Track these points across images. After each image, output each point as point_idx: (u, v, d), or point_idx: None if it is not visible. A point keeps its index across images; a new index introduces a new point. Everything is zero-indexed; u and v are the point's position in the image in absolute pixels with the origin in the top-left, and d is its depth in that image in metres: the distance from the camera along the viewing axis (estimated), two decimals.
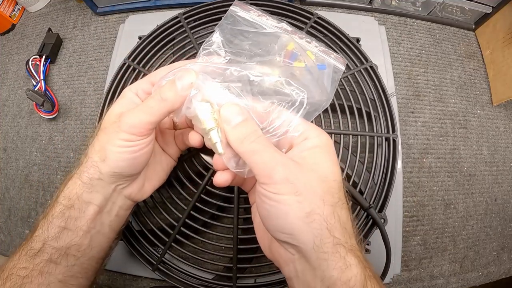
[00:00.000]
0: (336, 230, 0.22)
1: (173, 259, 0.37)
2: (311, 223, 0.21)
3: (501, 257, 0.45)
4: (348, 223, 0.23)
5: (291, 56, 0.32)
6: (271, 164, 0.22)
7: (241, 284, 0.36)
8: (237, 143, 0.23)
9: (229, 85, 0.26)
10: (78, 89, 0.51)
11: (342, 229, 0.22)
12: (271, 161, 0.22)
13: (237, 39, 0.32)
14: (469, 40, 0.55)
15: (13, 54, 0.55)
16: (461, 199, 0.46)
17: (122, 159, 0.26)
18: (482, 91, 0.52)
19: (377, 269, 0.39)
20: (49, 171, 0.47)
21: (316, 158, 0.23)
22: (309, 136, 0.24)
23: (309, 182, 0.22)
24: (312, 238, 0.21)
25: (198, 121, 0.25)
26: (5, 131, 0.51)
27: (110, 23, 0.55)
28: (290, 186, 0.22)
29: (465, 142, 0.49)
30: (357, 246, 0.23)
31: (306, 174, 0.22)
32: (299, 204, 0.21)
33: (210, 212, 0.36)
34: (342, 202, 0.23)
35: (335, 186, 0.23)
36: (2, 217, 0.46)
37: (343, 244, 0.22)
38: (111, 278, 0.41)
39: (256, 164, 0.23)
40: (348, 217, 0.23)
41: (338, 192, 0.23)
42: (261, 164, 0.22)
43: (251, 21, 0.33)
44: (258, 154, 0.23)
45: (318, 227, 0.21)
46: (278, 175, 0.22)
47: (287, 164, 0.22)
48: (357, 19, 0.52)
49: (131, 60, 0.42)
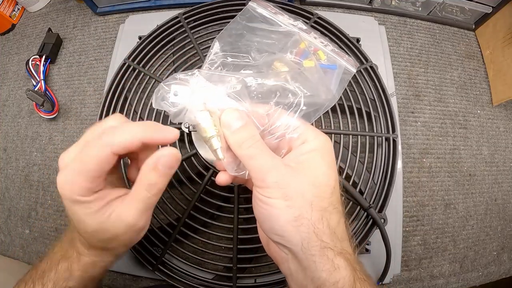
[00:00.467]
0: (324, 234, 0.22)
1: (173, 259, 0.37)
2: (299, 226, 0.22)
3: (501, 257, 0.45)
4: (339, 228, 0.23)
5: (302, 54, 0.33)
6: (265, 169, 0.23)
7: (241, 284, 0.36)
8: (236, 147, 0.24)
9: (228, 91, 0.27)
10: (78, 89, 0.51)
11: (331, 233, 0.23)
12: (265, 165, 0.23)
13: (244, 38, 0.33)
14: (469, 40, 0.55)
15: (13, 54, 0.55)
16: (461, 199, 0.46)
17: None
18: (482, 91, 0.52)
19: (377, 269, 0.39)
20: (49, 171, 0.47)
21: (311, 162, 0.24)
22: (307, 139, 0.24)
23: (300, 187, 0.23)
24: (300, 240, 0.22)
25: (200, 129, 0.26)
26: (5, 131, 0.51)
27: (110, 23, 0.55)
28: (280, 190, 0.22)
29: (465, 142, 0.49)
30: (348, 249, 0.24)
31: (298, 179, 0.23)
32: (288, 209, 0.22)
33: (210, 212, 0.36)
34: (333, 207, 0.23)
35: (327, 191, 0.23)
36: (2, 217, 0.46)
37: (331, 247, 0.22)
38: (111, 278, 0.41)
39: (252, 167, 0.23)
40: (338, 222, 0.24)
41: (330, 197, 0.23)
42: (256, 168, 0.23)
43: (267, 18, 0.34)
44: (254, 159, 0.23)
45: (306, 230, 0.22)
46: (270, 179, 0.22)
47: (279, 169, 0.23)
48: (357, 19, 0.52)
49: (131, 60, 0.42)
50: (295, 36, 0.34)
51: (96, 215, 0.23)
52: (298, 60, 0.33)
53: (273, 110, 0.26)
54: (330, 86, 0.33)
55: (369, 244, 0.38)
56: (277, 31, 0.34)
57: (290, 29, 0.34)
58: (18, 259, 0.44)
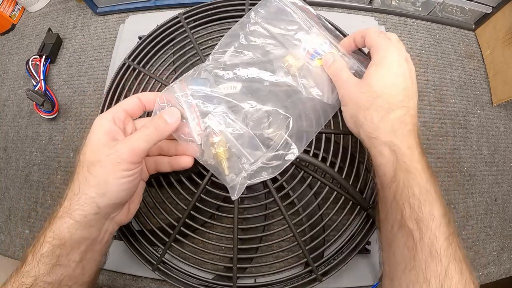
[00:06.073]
0: (369, 127, 0.32)
1: (173, 259, 0.37)
2: (355, 122, 0.34)
3: (501, 257, 0.45)
4: (383, 123, 0.31)
5: (315, 52, 0.36)
6: (343, 79, 0.34)
7: (241, 284, 0.36)
8: (333, 70, 0.35)
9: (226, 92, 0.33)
10: (78, 89, 0.51)
11: (375, 127, 0.31)
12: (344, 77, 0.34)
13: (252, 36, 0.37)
14: (469, 40, 0.55)
15: (13, 54, 0.55)
16: (461, 199, 0.46)
17: (122, 189, 0.27)
18: (482, 91, 0.52)
19: (377, 269, 0.39)
20: (49, 171, 0.47)
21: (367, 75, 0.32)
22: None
23: (355, 93, 0.33)
24: (356, 131, 0.34)
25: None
26: (5, 131, 0.51)
27: (110, 23, 0.55)
28: (342, 98, 0.35)
29: (465, 142, 0.49)
30: (396, 142, 0.30)
31: (358, 86, 0.33)
32: (347, 109, 0.34)
33: (210, 212, 0.36)
34: (377, 106, 0.31)
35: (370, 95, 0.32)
36: (2, 217, 0.46)
37: (374, 137, 0.31)
38: (111, 278, 0.41)
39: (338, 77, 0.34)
40: (382, 118, 0.31)
41: (375, 99, 0.31)
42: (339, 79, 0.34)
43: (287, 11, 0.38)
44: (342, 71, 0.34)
45: (356, 124, 0.33)
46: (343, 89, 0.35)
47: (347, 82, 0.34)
48: (357, 19, 0.52)
49: (131, 60, 0.42)
50: (312, 33, 0.37)
51: None
52: (310, 57, 0.36)
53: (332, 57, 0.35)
54: (334, 90, 0.35)
55: (369, 244, 0.38)
56: (295, 21, 0.37)
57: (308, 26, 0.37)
58: (18, 259, 0.44)
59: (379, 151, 0.30)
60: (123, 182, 0.27)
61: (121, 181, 0.27)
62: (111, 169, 0.26)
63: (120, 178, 0.27)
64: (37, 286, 0.25)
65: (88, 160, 0.27)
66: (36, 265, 0.25)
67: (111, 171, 0.26)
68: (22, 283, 0.25)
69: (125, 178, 0.27)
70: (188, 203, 0.36)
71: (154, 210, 0.37)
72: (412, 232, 0.26)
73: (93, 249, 0.28)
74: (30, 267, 0.25)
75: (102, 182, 0.26)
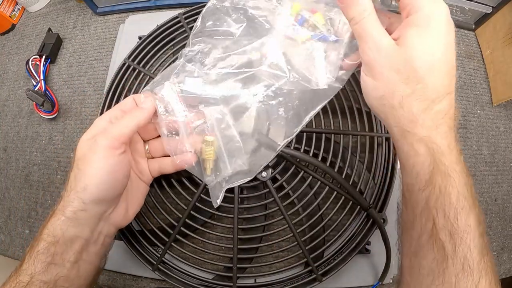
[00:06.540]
0: (404, 119, 0.25)
1: (173, 259, 0.37)
2: (383, 106, 0.26)
3: (501, 257, 0.45)
4: (425, 115, 0.24)
5: (298, 21, 0.30)
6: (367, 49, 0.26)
7: (241, 284, 0.36)
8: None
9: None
10: (78, 89, 0.51)
11: (412, 119, 0.24)
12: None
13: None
14: (469, 40, 0.55)
15: (13, 54, 0.55)
16: None
17: (102, 182, 0.27)
18: (482, 91, 0.52)
19: (377, 269, 0.39)
20: (49, 171, 0.47)
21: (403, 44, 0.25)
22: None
23: (387, 71, 0.25)
24: (384, 118, 0.26)
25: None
26: (5, 131, 0.51)
27: (110, 23, 0.55)
28: (370, 71, 0.25)
29: (465, 142, 0.49)
30: (434, 139, 0.24)
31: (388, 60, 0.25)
32: (375, 89, 0.26)
33: (210, 212, 0.36)
34: (418, 95, 0.24)
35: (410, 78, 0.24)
36: (2, 217, 0.46)
37: (409, 130, 0.25)
38: (111, 278, 0.41)
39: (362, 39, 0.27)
40: (425, 109, 0.24)
41: (416, 84, 0.24)
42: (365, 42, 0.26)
43: None
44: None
45: (385, 110, 0.26)
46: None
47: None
48: None
49: (131, 60, 0.42)
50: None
51: None
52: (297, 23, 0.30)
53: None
54: (334, 64, 0.28)
55: (369, 244, 0.38)
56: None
57: None
58: (18, 259, 0.44)
59: (414, 149, 0.24)
60: (101, 173, 0.27)
61: (99, 172, 0.27)
62: (90, 159, 0.27)
63: (98, 168, 0.27)
64: (33, 285, 0.25)
65: (77, 156, 0.28)
66: (33, 263, 0.25)
67: (89, 161, 0.27)
68: (19, 281, 0.25)
69: (103, 169, 0.27)
70: (188, 203, 0.36)
71: (154, 210, 0.37)
72: (444, 245, 0.23)
73: (88, 250, 0.28)
74: (27, 265, 0.26)
75: (84, 175, 0.27)
